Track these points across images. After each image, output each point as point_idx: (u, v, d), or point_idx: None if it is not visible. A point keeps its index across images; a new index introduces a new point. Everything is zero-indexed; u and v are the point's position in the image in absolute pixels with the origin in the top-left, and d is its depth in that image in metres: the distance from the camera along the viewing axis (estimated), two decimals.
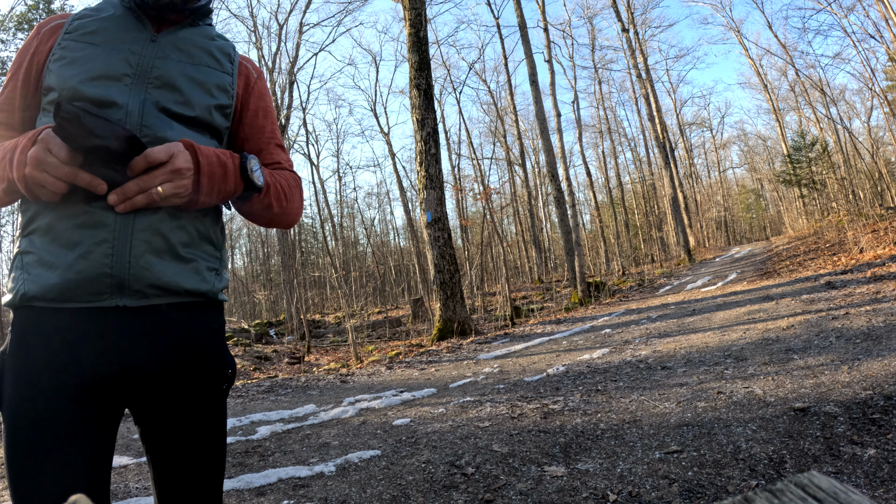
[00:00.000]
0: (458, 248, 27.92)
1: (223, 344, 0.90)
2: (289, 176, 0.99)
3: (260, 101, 1.03)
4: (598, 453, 2.52)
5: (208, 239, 0.88)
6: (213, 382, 0.85)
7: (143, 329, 0.78)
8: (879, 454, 2.03)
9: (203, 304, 0.86)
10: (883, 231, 11.20)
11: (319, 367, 8.54)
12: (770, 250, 17.67)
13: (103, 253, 0.75)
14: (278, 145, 1.05)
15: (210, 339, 0.86)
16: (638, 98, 30.05)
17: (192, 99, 0.87)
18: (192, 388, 0.82)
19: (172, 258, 0.80)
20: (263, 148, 1.01)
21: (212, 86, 0.91)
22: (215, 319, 0.89)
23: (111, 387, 0.76)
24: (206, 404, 0.84)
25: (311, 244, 34.74)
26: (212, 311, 0.88)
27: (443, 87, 32.12)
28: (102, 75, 0.82)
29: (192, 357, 0.82)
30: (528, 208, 28.87)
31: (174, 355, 0.80)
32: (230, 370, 0.90)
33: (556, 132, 15.51)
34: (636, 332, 6.38)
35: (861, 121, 33.64)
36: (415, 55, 9.63)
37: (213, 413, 0.86)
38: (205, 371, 0.84)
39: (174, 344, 0.80)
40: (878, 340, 3.77)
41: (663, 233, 33.33)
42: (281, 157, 1.03)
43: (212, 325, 0.87)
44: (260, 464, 2.93)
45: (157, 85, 0.85)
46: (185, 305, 0.82)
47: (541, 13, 16.82)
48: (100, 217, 0.76)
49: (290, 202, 0.96)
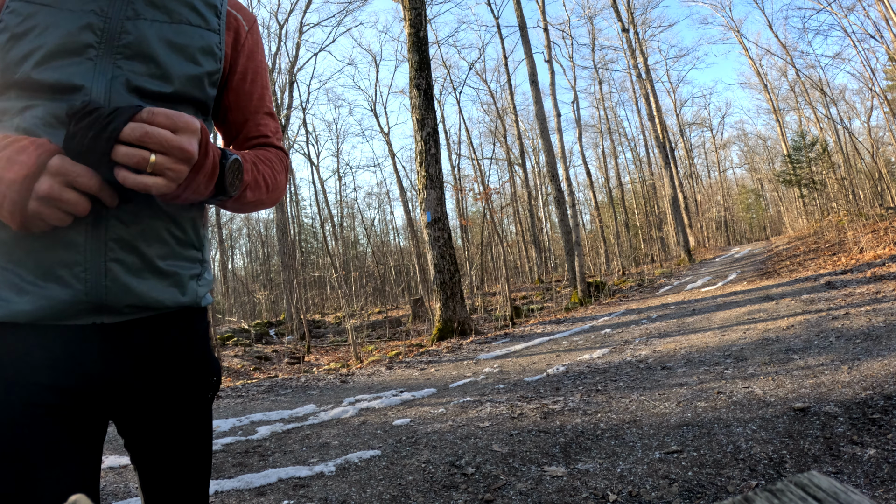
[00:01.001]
0: (458, 248, 27.93)
1: (207, 350, 0.83)
2: (274, 158, 0.86)
3: (249, 61, 0.87)
4: (598, 453, 2.52)
5: (189, 243, 0.78)
6: (197, 392, 0.80)
7: (123, 343, 0.72)
8: (879, 454, 2.03)
9: (185, 312, 0.79)
10: (883, 231, 11.20)
11: (319, 367, 8.55)
12: (770, 250, 17.67)
13: (76, 277, 0.66)
14: (267, 113, 0.91)
15: (193, 348, 0.80)
16: (638, 98, 30.06)
17: (170, 70, 0.72)
18: (176, 398, 0.77)
19: (151, 274, 0.72)
20: (250, 118, 0.88)
21: (195, 50, 0.76)
22: (198, 325, 0.82)
23: (91, 401, 0.71)
24: (191, 414, 0.79)
25: (311, 244, 34.74)
26: (195, 318, 0.81)
27: (443, 87, 32.15)
28: (61, 50, 0.67)
29: (174, 368, 0.77)
30: (528, 208, 28.88)
31: (156, 367, 0.75)
32: (215, 378, 0.84)
33: (556, 132, 15.52)
34: (636, 332, 6.38)
35: (861, 121, 33.67)
36: (415, 55, 9.63)
37: (198, 422, 0.81)
38: (188, 381, 0.79)
39: (155, 356, 0.75)
40: (878, 340, 3.77)
41: (663, 233, 33.34)
42: (269, 127, 0.90)
43: (195, 332, 0.81)
44: (260, 464, 2.93)
45: (126, 55, 0.70)
46: (167, 316, 0.76)
47: (541, 13, 16.83)
48: (67, 235, 0.66)
49: (270, 191, 0.83)
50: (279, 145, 0.91)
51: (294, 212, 28.21)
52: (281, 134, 0.94)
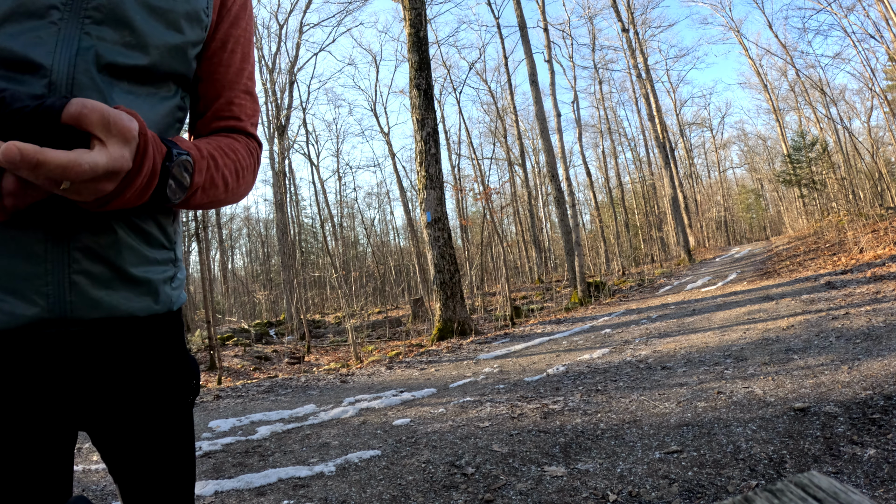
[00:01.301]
0: (458, 248, 27.94)
1: (183, 353, 0.76)
2: (241, 150, 0.73)
3: (233, 27, 0.75)
4: (598, 453, 2.52)
5: (159, 243, 0.69)
6: (174, 398, 0.73)
7: (90, 350, 0.64)
8: (879, 454, 2.03)
9: (158, 317, 0.71)
10: (883, 231, 11.20)
11: (319, 367, 8.55)
12: (770, 250, 17.67)
13: (37, 291, 0.58)
14: (246, 92, 0.77)
15: (167, 352, 0.73)
16: (638, 98, 30.07)
17: (147, 38, 0.61)
18: (151, 406, 0.70)
19: (122, 284, 0.64)
20: (223, 93, 0.75)
21: (179, 15, 0.64)
22: (172, 328, 0.74)
23: (55, 411, 0.63)
24: (169, 420, 0.72)
25: (311, 244, 34.75)
26: (168, 322, 0.73)
27: (443, 87, 32.15)
28: (18, 11, 0.55)
29: (147, 374, 0.69)
30: (528, 208, 28.88)
31: (127, 375, 0.68)
32: (194, 380, 0.77)
33: (556, 132, 15.52)
34: (636, 332, 6.38)
35: (861, 121, 33.68)
36: (415, 55, 9.63)
37: (178, 429, 0.74)
38: (163, 387, 0.71)
39: (126, 363, 0.67)
40: (878, 340, 3.77)
41: (663, 233, 33.34)
42: (244, 109, 0.77)
43: (168, 336, 0.73)
44: (260, 464, 2.93)
45: (96, 20, 0.58)
46: (139, 321, 0.68)
47: (541, 13, 16.83)
48: (27, 244, 0.57)
49: (230, 191, 0.71)
50: (252, 132, 0.78)
51: (294, 212, 28.22)
52: (258, 118, 0.81)
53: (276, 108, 21.71)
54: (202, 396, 5.58)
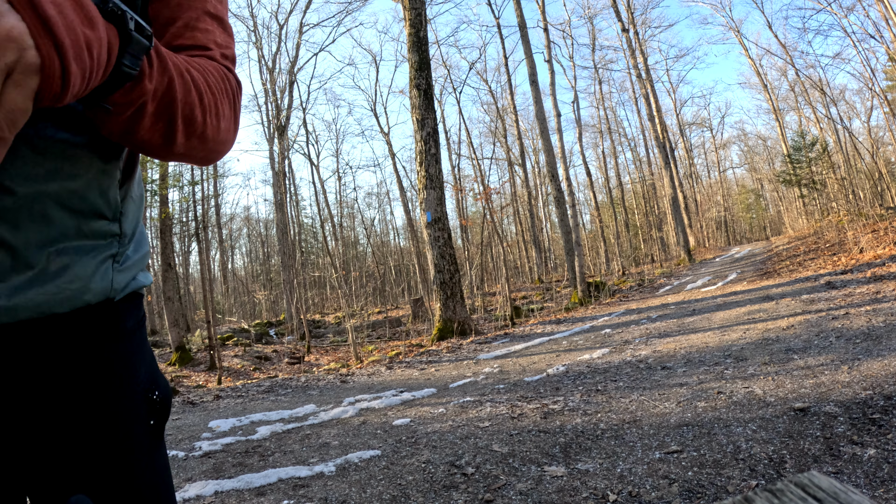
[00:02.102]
0: (458, 248, 27.94)
1: (139, 357, 0.57)
2: (213, 74, 0.52)
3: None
4: (598, 453, 2.52)
5: (94, 211, 0.51)
6: (127, 419, 0.53)
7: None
8: (879, 454, 2.03)
9: (94, 309, 0.53)
10: (883, 231, 11.20)
11: (319, 367, 8.55)
12: (770, 250, 17.67)
13: None
14: (211, 14, 0.57)
15: (108, 358, 0.53)
16: (638, 98, 30.08)
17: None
18: (91, 434, 0.51)
19: (24, 272, 0.46)
20: (179, 16, 0.54)
21: None
22: (118, 324, 0.55)
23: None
24: (123, 454, 0.53)
25: (311, 244, 34.75)
26: (111, 315, 0.54)
27: (443, 87, 32.15)
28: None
29: (76, 390, 0.51)
30: (528, 208, 28.88)
31: (47, 393, 0.49)
32: (156, 393, 0.57)
33: (556, 132, 15.52)
34: (636, 332, 6.38)
35: (861, 121, 33.67)
36: (415, 55, 9.64)
37: (136, 463, 0.54)
38: (105, 408, 0.52)
39: (46, 375, 0.49)
40: (878, 340, 3.77)
41: (663, 233, 33.34)
42: (210, 36, 0.56)
43: (110, 335, 0.54)
44: (260, 464, 2.93)
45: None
46: (64, 317, 0.50)
47: (541, 13, 16.83)
48: None
49: (194, 126, 0.49)
50: (228, 67, 0.57)
51: (294, 212, 28.23)
52: (233, 51, 0.60)
53: (276, 109, 21.71)
54: (202, 396, 5.58)
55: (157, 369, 0.60)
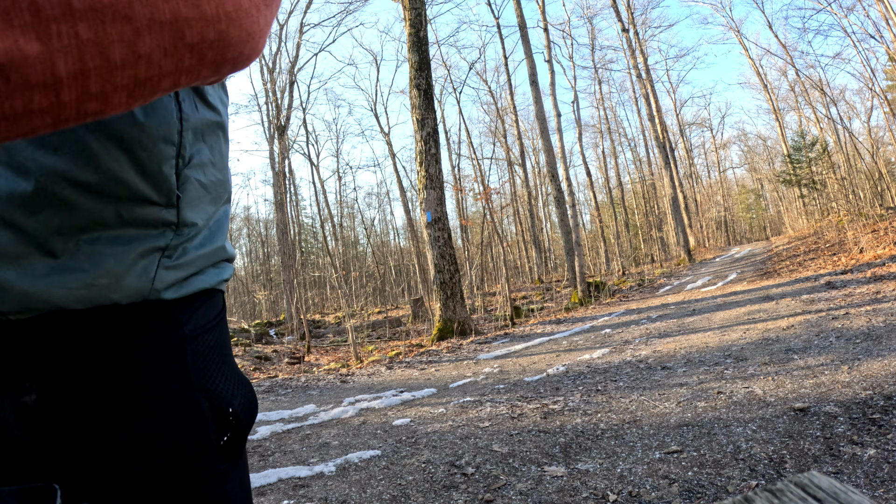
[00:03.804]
0: (458, 248, 27.94)
1: (204, 366, 0.48)
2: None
3: None
4: (598, 453, 2.52)
5: (136, 195, 0.43)
6: (183, 441, 0.45)
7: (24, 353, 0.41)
8: (879, 454, 2.03)
9: (120, 309, 0.44)
10: (883, 231, 11.20)
11: (319, 367, 8.55)
12: (770, 250, 17.67)
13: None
14: None
15: (155, 369, 0.45)
16: (638, 98, 30.08)
17: None
18: (137, 466, 0.43)
19: (42, 258, 0.41)
20: None
21: None
22: (175, 329, 0.47)
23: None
24: (179, 489, 0.45)
25: (311, 244, 34.76)
26: (168, 316, 0.46)
27: (443, 87, 32.14)
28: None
29: (113, 405, 0.42)
30: (528, 208, 28.89)
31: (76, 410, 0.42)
32: (233, 406, 0.49)
33: (556, 132, 15.52)
34: (636, 332, 6.38)
35: (861, 121, 33.68)
36: (415, 55, 9.64)
37: (202, 498, 0.46)
38: (153, 422, 0.44)
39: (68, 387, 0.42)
40: (878, 340, 3.77)
41: (663, 233, 33.34)
42: None
43: (166, 341, 0.46)
44: (260, 464, 2.93)
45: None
46: (86, 314, 0.43)
47: (541, 13, 16.83)
48: None
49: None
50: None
51: (294, 212, 28.22)
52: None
53: (276, 109, 21.72)
54: None
55: (235, 376, 0.51)
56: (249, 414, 0.51)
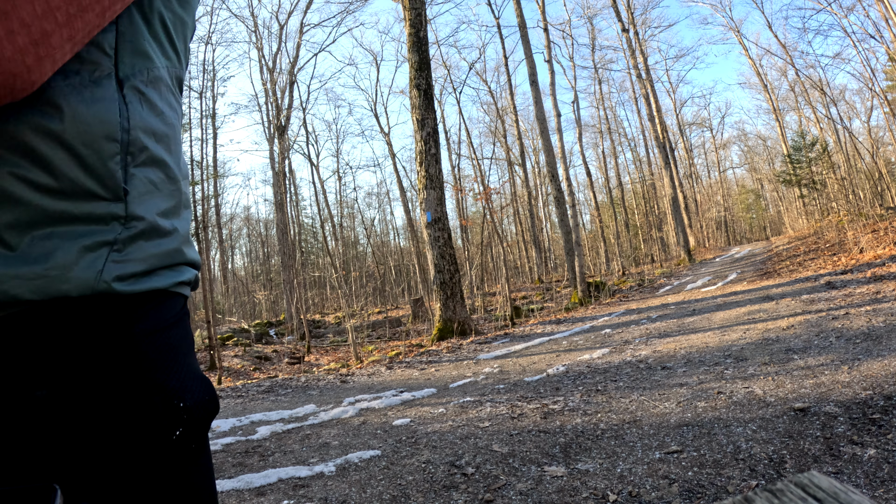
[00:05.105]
0: (458, 248, 27.94)
1: (154, 362, 0.48)
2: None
3: None
4: (598, 453, 2.52)
5: (82, 189, 0.44)
6: (140, 435, 0.46)
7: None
8: (879, 454, 2.03)
9: (70, 301, 0.44)
10: (883, 231, 11.20)
11: (319, 367, 8.55)
12: (770, 250, 17.67)
13: None
14: None
15: (107, 361, 0.45)
16: (638, 98, 30.09)
17: None
18: (83, 450, 0.43)
19: (1, 250, 0.42)
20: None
21: None
22: (129, 326, 0.47)
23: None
24: (140, 483, 0.45)
25: (311, 244, 34.75)
26: (121, 311, 0.47)
27: (443, 87, 32.15)
28: None
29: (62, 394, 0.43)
30: (528, 208, 28.89)
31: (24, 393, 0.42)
32: (185, 400, 0.49)
33: (556, 132, 15.52)
34: (636, 332, 6.38)
35: (861, 121, 33.68)
36: (415, 55, 9.64)
37: (153, 490, 0.46)
38: (98, 413, 0.44)
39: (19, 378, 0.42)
40: (878, 340, 3.77)
41: (663, 233, 33.34)
42: None
43: (116, 335, 0.46)
44: (260, 464, 2.93)
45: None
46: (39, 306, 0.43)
47: (541, 13, 16.83)
48: None
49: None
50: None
51: (294, 212, 28.22)
52: None
53: (276, 109, 21.72)
54: None
55: (191, 374, 0.52)
56: (204, 410, 0.52)
